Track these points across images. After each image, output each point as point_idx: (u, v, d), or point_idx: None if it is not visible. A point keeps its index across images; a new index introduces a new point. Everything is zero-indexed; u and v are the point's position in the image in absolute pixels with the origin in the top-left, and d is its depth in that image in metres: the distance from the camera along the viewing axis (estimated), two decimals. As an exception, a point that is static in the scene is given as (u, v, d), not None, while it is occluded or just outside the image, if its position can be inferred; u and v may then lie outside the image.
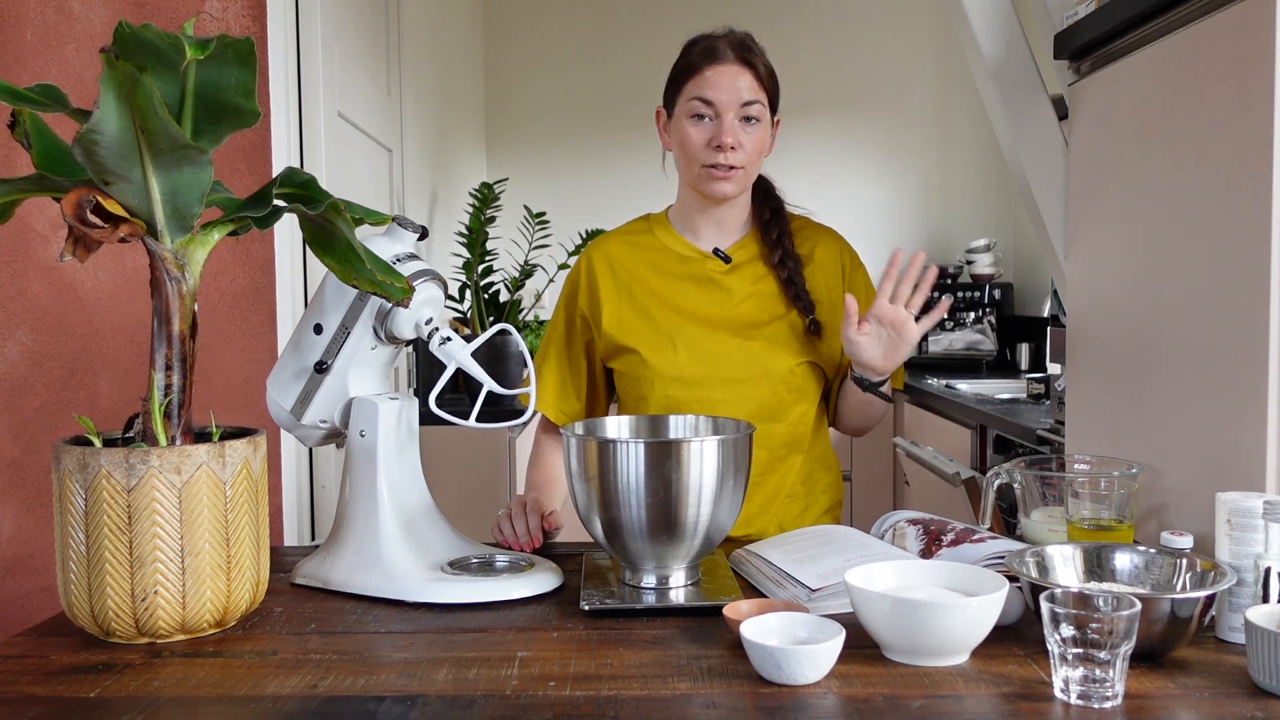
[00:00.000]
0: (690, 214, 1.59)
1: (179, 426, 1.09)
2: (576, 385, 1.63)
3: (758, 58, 1.51)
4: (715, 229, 1.59)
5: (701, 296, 1.56)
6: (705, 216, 1.58)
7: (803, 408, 1.57)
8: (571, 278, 1.64)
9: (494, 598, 1.18)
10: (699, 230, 1.59)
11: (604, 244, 1.63)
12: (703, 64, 1.49)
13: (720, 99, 1.47)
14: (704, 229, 1.59)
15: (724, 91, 1.47)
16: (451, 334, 1.24)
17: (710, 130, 1.48)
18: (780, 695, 0.91)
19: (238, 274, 2.01)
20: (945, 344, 4.15)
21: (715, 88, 1.47)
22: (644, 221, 1.66)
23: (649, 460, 1.14)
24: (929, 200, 4.50)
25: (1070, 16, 1.57)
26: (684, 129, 1.50)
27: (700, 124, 1.49)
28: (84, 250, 1.04)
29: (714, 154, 1.48)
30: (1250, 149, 1.16)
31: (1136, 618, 0.88)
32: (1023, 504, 1.37)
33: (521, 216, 3.81)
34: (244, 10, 1.98)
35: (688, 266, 1.58)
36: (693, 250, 1.59)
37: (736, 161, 1.48)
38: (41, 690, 0.95)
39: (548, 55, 4.51)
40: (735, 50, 1.49)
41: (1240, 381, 1.18)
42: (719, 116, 1.48)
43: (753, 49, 1.52)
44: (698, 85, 1.49)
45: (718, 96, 1.47)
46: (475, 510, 2.77)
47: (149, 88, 0.92)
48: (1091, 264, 1.58)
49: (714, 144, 1.48)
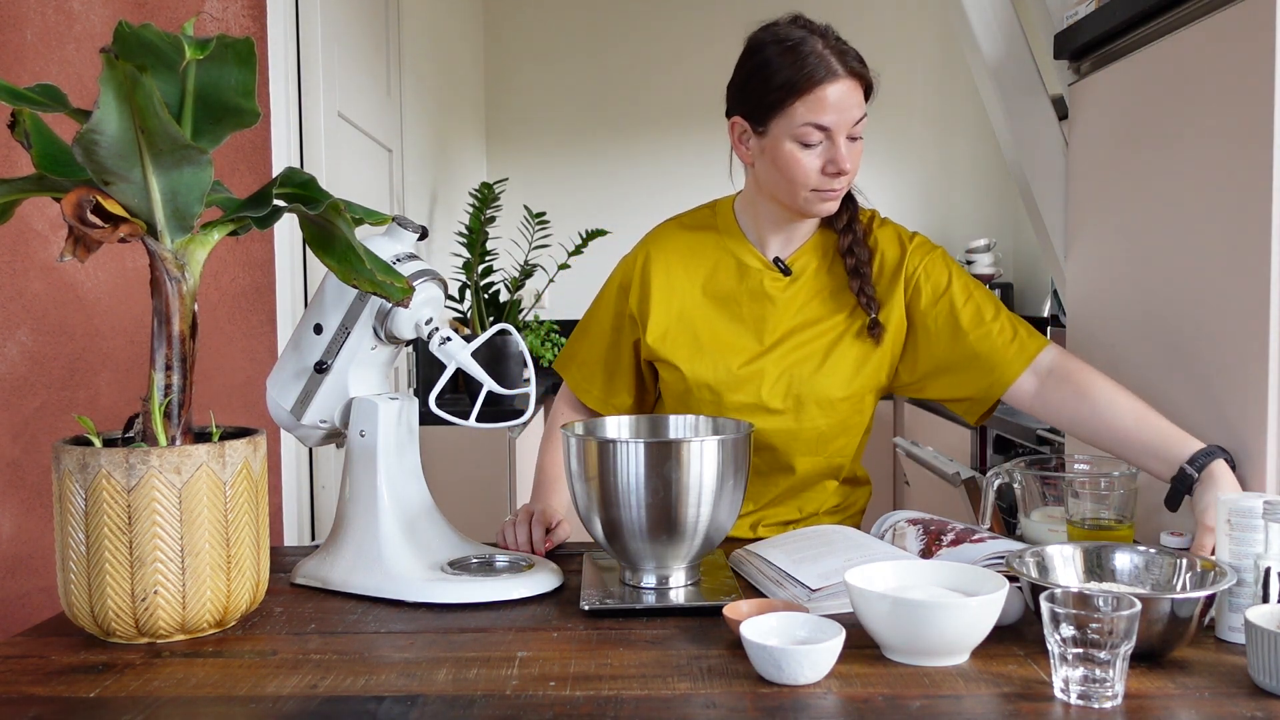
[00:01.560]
0: (760, 221, 1.48)
1: (179, 426, 1.09)
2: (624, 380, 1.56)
3: (863, 64, 1.36)
4: (784, 238, 1.48)
5: (754, 315, 1.47)
6: (777, 226, 1.47)
7: (843, 440, 1.49)
8: (626, 269, 1.54)
9: (494, 598, 1.18)
10: (766, 239, 1.48)
11: (664, 240, 1.53)
12: (820, 79, 1.31)
13: (838, 122, 1.33)
14: (772, 237, 1.48)
15: (842, 112, 1.32)
16: (451, 334, 1.24)
17: (824, 155, 1.34)
18: (780, 695, 0.91)
19: (238, 274, 2.01)
20: (945, 344, 4.14)
21: (834, 110, 1.32)
22: (709, 212, 1.54)
23: (649, 460, 1.14)
24: (929, 200, 4.50)
25: (1070, 16, 1.57)
26: (792, 154, 1.35)
27: (812, 149, 1.34)
28: (84, 250, 1.04)
29: (828, 180, 1.36)
30: (1250, 149, 1.16)
31: (1136, 618, 0.88)
32: (1023, 504, 1.37)
33: (521, 216, 3.81)
34: (244, 10, 1.98)
35: (746, 280, 1.48)
36: (755, 258, 1.48)
37: (847, 183, 1.39)
38: (41, 690, 0.95)
39: (548, 55, 4.51)
40: (846, 61, 1.33)
41: (1240, 381, 1.18)
42: (831, 140, 1.34)
43: (856, 55, 1.36)
44: (813, 109, 1.32)
45: (836, 120, 1.32)
46: (475, 510, 2.77)
47: (149, 88, 0.92)
48: (1091, 264, 1.58)
49: (829, 170, 1.35)
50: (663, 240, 1.53)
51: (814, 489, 1.53)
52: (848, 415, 1.48)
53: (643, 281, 1.51)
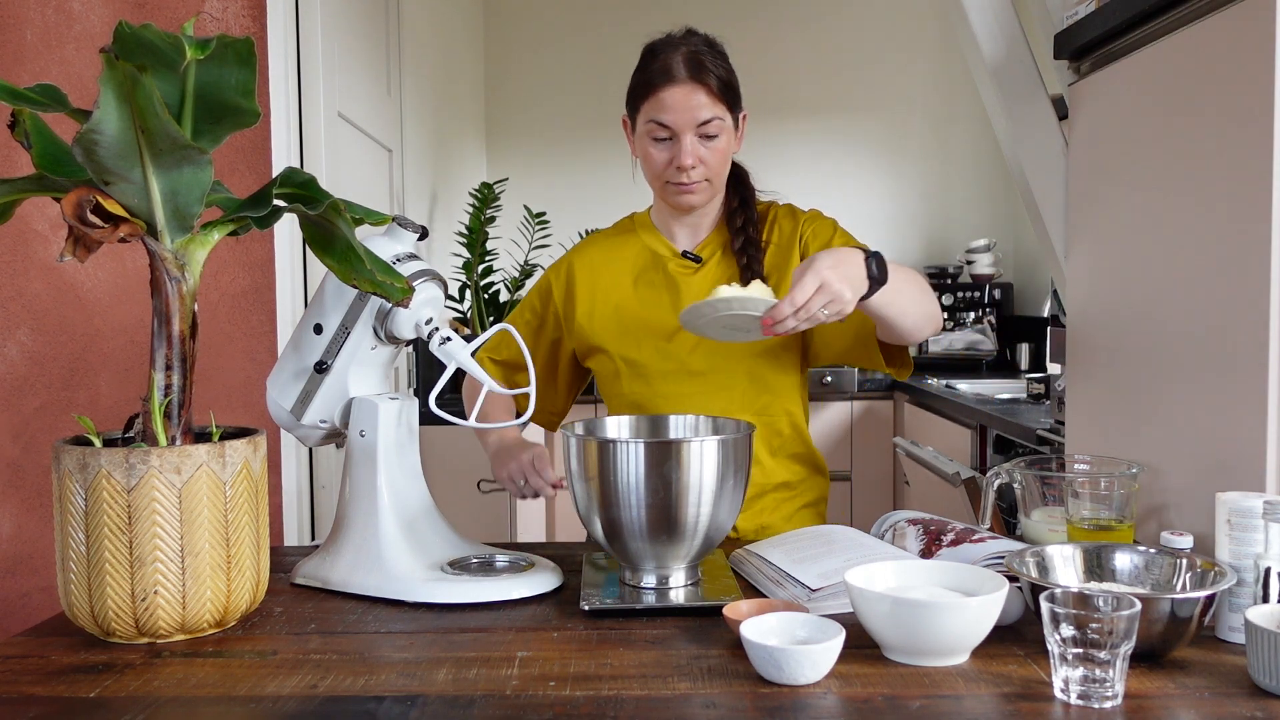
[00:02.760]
0: (665, 218, 1.63)
1: (179, 426, 1.09)
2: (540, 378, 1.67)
3: (711, 71, 1.48)
4: (689, 231, 1.62)
5: (669, 297, 1.59)
6: (677, 220, 1.61)
7: (767, 399, 1.58)
8: (547, 277, 1.68)
9: (494, 598, 1.18)
10: (674, 231, 1.62)
11: (586, 248, 1.68)
12: (657, 84, 1.48)
13: (676, 121, 1.47)
14: (678, 230, 1.62)
15: (680, 114, 1.47)
16: (451, 334, 1.24)
17: (670, 151, 1.49)
18: (780, 695, 0.91)
19: (238, 274, 2.01)
20: (945, 344, 4.15)
21: (671, 110, 1.47)
22: (629, 220, 1.69)
23: (649, 460, 1.14)
24: (929, 200, 4.50)
25: (1070, 16, 1.57)
26: (645, 147, 1.52)
27: (660, 144, 1.50)
28: (84, 250, 1.04)
29: (676, 173, 1.50)
30: (1250, 149, 1.16)
31: (1136, 618, 0.88)
32: (1023, 504, 1.37)
33: (521, 216, 3.81)
34: (244, 10, 1.98)
35: (660, 267, 1.61)
36: (668, 249, 1.62)
37: (697, 177, 1.50)
38: (41, 690, 0.95)
39: (548, 55, 4.51)
40: (688, 67, 1.47)
41: (1240, 381, 1.18)
42: (677, 138, 1.48)
43: (705, 63, 1.48)
44: (654, 108, 1.48)
45: (674, 119, 1.47)
46: (475, 510, 2.77)
47: (149, 88, 0.92)
48: (1091, 264, 1.58)
49: (675, 164, 1.49)
50: (584, 249, 1.68)
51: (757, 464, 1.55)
52: (767, 372, 1.57)
53: (568, 283, 1.65)
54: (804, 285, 1.21)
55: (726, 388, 1.56)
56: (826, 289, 1.21)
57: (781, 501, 1.60)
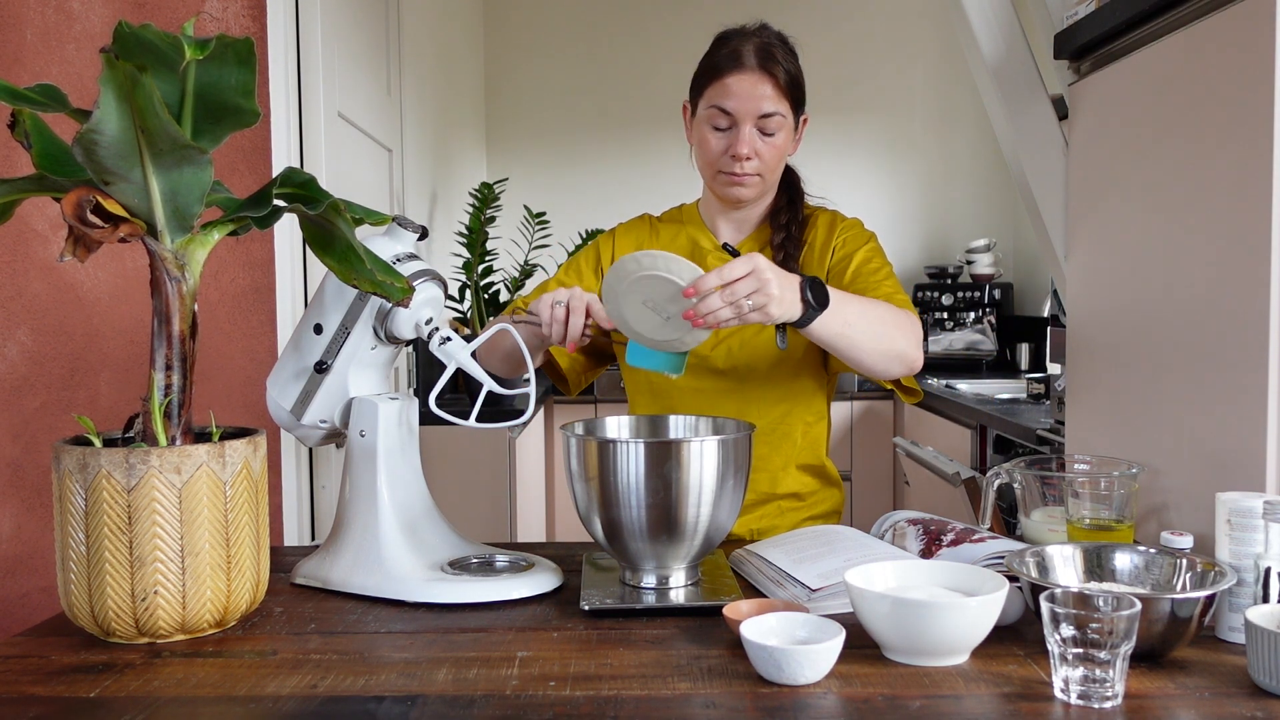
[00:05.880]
0: (711, 211, 1.62)
1: (179, 426, 1.09)
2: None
3: (780, 65, 1.48)
4: (734, 226, 1.61)
5: None
6: (724, 214, 1.61)
7: (786, 407, 1.57)
8: (595, 246, 1.67)
9: (494, 598, 1.18)
10: (718, 225, 1.62)
11: (633, 225, 1.67)
12: (725, 69, 1.47)
13: (739, 109, 1.46)
14: (723, 225, 1.61)
15: (743, 101, 1.46)
16: (451, 334, 1.24)
17: (728, 139, 1.48)
18: (780, 695, 0.91)
19: (238, 274, 2.01)
20: (945, 344, 4.15)
21: (735, 97, 1.46)
22: (678, 210, 1.69)
23: (649, 460, 1.14)
24: (929, 200, 4.50)
25: (1070, 16, 1.57)
26: (703, 133, 1.50)
27: (718, 133, 1.49)
28: (84, 250, 1.04)
29: (730, 162, 1.49)
30: (1250, 149, 1.16)
31: (1136, 618, 0.88)
32: (1023, 504, 1.37)
33: (521, 216, 3.81)
34: (244, 10, 1.98)
35: (700, 258, 1.59)
36: (710, 241, 1.61)
37: (751, 170, 1.49)
38: (41, 690, 0.95)
39: (548, 55, 4.51)
40: (758, 57, 1.46)
41: (1240, 381, 1.18)
42: (737, 126, 1.47)
43: (776, 55, 1.48)
44: (718, 93, 1.47)
45: (737, 107, 1.46)
46: (475, 510, 2.77)
47: (149, 88, 0.92)
48: (1091, 264, 1.58)
49: (730, 153, 1.48)
50: (632, 227, 1.68)
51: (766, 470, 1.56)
52: (787, 379, 1.56)
53: (612, 255, 1.64)
54: (735, 266, 1.22)
55: (742, 390, 1.55)
56: (757, 275, 1.21)
57: (787, 510, 1.60)
